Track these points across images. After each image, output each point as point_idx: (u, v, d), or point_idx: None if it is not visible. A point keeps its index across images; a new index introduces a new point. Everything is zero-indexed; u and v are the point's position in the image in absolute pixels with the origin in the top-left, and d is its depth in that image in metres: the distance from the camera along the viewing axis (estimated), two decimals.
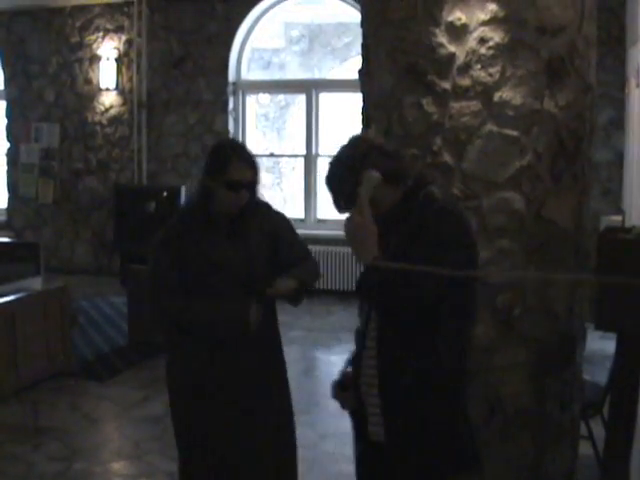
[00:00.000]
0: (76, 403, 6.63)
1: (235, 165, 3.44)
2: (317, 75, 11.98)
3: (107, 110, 12.10)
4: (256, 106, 12.28)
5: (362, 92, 4.05)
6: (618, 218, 7.80)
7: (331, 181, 2.92)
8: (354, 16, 10.09)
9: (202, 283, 3.50)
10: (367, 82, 3.99)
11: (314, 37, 12.44)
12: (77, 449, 5.70)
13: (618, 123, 9.42)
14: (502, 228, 3.65)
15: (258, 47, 12.03)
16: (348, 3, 10.58)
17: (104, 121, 12.14)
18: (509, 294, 3.65)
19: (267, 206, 3.72)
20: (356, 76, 4.15)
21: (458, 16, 3.61)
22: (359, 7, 4.36)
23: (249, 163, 3.50)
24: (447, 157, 3.64)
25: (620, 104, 9.23)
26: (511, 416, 3.74)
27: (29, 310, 6.96)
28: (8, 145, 12.78)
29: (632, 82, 6.60)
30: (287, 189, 12.49)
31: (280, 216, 3.76)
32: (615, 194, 9.54)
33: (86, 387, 7.06)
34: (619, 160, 9.42)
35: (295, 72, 12.14)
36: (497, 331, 3.67)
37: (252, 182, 3.50)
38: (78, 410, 6.48)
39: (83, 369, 7.47)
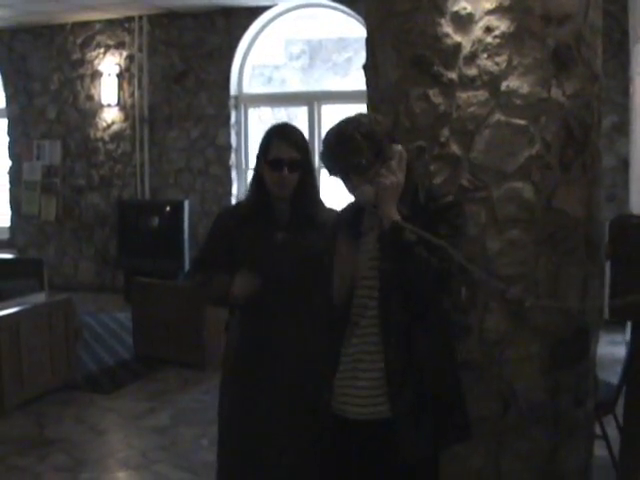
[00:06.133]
0: (82, 415, 6.56)
1: (275, 143, 3.44)
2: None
3: (109, 126, 12.08)
4: (258, 120, 12.25)
5: (367, 87, 4.00)
6: None
7: (344, 149, 2.94)
8: (354, 31, 10.05)
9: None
10: (372, 76, 3.94)
11: (315, 53, 12.40)
12: (83, 460, 5.63)
13: (621, 129, 9.39)
14: (512, 219, 3.59)
15: (259, 64, 12.00)
16: (349, 15, 10.50)
17: (106, 137, 12.12)
18: (520, 285, 3.60)
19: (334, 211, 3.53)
20: (358, 87, 4.12)
21: (463, 5, 3.58)
22: (360, 20, 4.32)
23: (288, 141, 3.46)
24: (455, 148, 3.60)
25: (623, 110, 9.21)
26: (525, 411, 3.67)
27: (34, 322, 6.90)
28: (10, 163, 12.76)
29: (637, 80, 6.53)
30: None
31: None
32: (620, 200, 9.49)
33: (91, 400, 6.98)
34: (623, 166, 9.38)
35: (296, 87, 12.11)
36: (508, 323, 3.62)
37: (295, 161, 3.44)
38: (84, 422, 6.41)
39: (88, 382, 7.41)
